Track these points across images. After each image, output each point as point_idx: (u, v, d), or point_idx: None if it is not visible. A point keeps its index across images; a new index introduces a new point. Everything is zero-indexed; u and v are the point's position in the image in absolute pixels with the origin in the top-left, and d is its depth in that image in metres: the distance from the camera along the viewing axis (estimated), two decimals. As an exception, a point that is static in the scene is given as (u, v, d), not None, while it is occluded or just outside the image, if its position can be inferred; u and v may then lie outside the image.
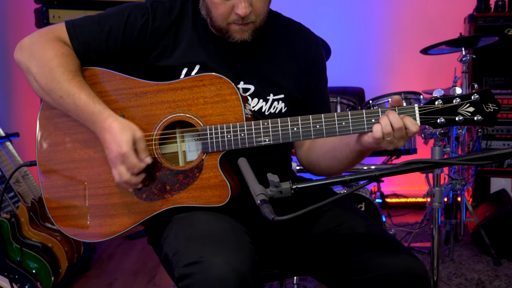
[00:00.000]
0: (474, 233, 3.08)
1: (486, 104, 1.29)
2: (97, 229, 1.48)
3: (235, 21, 1.42)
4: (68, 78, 1.42)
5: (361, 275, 1.40)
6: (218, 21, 1.44)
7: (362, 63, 4.19)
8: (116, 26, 1.48)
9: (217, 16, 1.43)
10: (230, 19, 1.42)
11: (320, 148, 1.54)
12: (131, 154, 1.37)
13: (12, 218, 2.44)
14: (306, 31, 1.65)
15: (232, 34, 1.45)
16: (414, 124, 1.28)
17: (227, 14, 1.41)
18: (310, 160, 1.59)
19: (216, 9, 1.42)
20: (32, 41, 1.47)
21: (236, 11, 1.39)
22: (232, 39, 1.46)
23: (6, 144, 2.71)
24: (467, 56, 2.89)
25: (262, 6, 1.43)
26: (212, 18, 1.45)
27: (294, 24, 1.64)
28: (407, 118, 1.29)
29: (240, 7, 1.38)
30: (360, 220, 1.50)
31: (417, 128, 1.29)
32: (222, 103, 1.41)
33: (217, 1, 1.40)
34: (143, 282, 2.86)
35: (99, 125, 1.40)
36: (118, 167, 1.38)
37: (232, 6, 1.40)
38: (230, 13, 1.41)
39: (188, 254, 1.26)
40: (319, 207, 1.11)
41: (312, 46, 1.62)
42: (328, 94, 1.67)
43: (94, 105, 1.41)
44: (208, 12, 1.46)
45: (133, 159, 1.37)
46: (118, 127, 1.38)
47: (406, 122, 1.28)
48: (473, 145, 3.31)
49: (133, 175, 1.39)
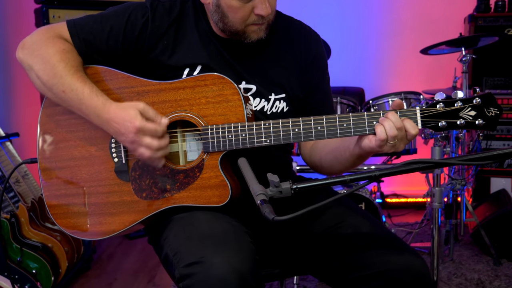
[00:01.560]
0: (474, 233, 3.08)
1: (487, 108, 1.28)
2: (97, 227, 1.48)
3: (254, 22, 1.43)
4: (70, 72, 1.42)
5: (362, 272, 1.40)
6: (236, 25, 1.44)
7: (362, 63, 4.19)
8: (117, 26, 1.48)
9: (235, 20, 1.43)
10: (250, 20, 1.43)
11: (323, 149, 1.54)
12: (145, 122, 1.35)
13: (12, 218, 2.44)
14: (307, 29, 1.64)
15: (250, 34, 1.46)
16: (414, 127, 1.28)
17: (246, 17, 1.42)
18: (314, 160, 1.59)
19: (234, 14, 1.42)
20: (33, 39, 1.47)
21: (257, 12, 1.40)
22: (248, 40, 1.46)
23: (6, 144, 2.71)
24: (467, 56, 2.89)
25: (275, 3, 1.46)
26: (227, 23, 1.45)
27: (294, 22, 1.64)
28: (407, 121, 1.28)
29: (263, 8, 1.39)
30: (360, 217, 1.51)
31: (417, 131, 1.28)
32: (224, 103, 1.41)
33: (237, 5, 1.40)
34: (143, 282, 2.86)
35: (104, 117, 1.39)
36: (143, 141, 1.35)
37: (252, 8, 1.40)
38: (250, 15, 1.42)
39: (189, 254, 1.26)
40: (319, 207, 1.11)
41: (312, 44, 1.61)
42: (331, 92, 1.67)
43: (97, 98, 1.40)
44: (223, 17, 1.45)
45: (151, 125, 1.36)
46: (120, 110, 1.37)
47: (406, 125, 1.28)
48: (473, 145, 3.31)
49: (160, 139, 1.37)
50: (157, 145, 1.36)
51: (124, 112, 1.37)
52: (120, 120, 1.37)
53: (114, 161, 1.47)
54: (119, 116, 1.37)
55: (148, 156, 1.37)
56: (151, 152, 1.37)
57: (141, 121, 1.35)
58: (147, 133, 1.35)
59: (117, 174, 1.47)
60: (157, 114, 1.39)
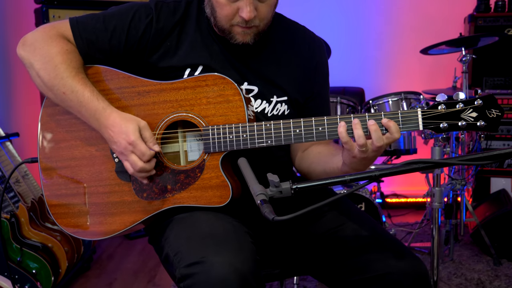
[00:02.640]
0: (474, 233, 3.08)
1: (489, 109, 1.28)
2: (98, 227, 1.48)
3: (238, 24, 1.42)
4: (72, 74, 1.42)
5: (362, 275, 1.41)
6: (222, 22, 1.44)
7: (362, 63, 4.19)
8: (120, 26, 1.48)
9: (221, 16, 1.43)
10: (234, 21, 1.42)
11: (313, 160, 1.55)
12: (140, 141, 1.37)
13: (12, 218, 2.44)
14: (311, 35, 1.64)
15: (235, 35, 1.45)
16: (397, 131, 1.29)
17: (231, 16, 1.41)
18: (302, 166, 1.60)
19: (221, 10, 1.42)
20: (35, 36, 1.46)
21: (240, 14, 1.39)
22: (234, 41, 1.45)
23: (6, 144, 2.71)
24: (467, 56, 2.89)
25: (267, 12, 1.43)
26: (216, 17, 1.45)
27: (298, 27, 1.64)
28: (391, 123, 1.29)
29: (245, 11, 1.38)
30: (361, 220, 1.51)
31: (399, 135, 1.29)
32: (225, 104, 1.41)
33: (223, 2, 1.40)
34: (143, 282, 2.86)
35: (102, 122, 1.40)
36: (130, 157, 1.38)
37: (237, 8, 1.39)
38: (235, 15, 1.41)
39: (190, 254, 1.26)
40: (319, 207, 1.11)
41: (316, 51, 1.61)
42: (329, 99, 1.68)
43: (98, 102, 1.41)
44: (212, 11, 1.45)
45: (142, 146, 1.37)
46: (121, 120, 1.39)
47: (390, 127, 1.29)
48: (473, 145, 3.31)
49: (145, 162, 1.39)
50: (141, 166, 1.38)
51: (124, 124, 1.38)
52: (117, 130, 1.38)
53: (114, 161, 1.47)
54: (118, 125, 1.38)
55: (131, 172, 1.41)
56: (134, 170, 1.40)
57: (135, 138, 1.36)
58: (136, 151, 1.37)
59: (118, 174, 1.47)
60: (153, 138, 1.40)
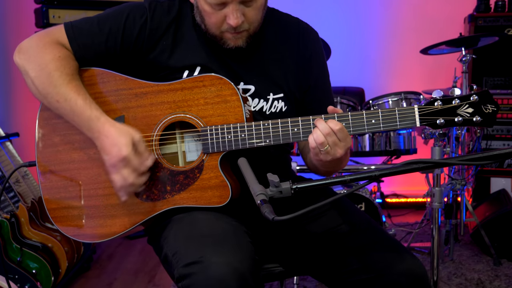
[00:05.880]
0: (474, 233, 3.08)
1: (484, 105, 1.30)
2: (97, 229, 1.48)
3: (228, 30, 1.41)
4: (65, 82, 1.41)
5: (361, 275, 1.41)
6: (212, 29, 1.43)
7: (362, 63, 4.19)
8: (115, 27, 1.47)
9: (210, 24, 1.43)
10: (223, 27, 1.41)
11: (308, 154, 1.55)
12: (133, 156, 1.36)
13: (12, 218, 2.44)
14: (304, 26, 1.62)
15: (226, 41, 1.44)
16: (336, 123, 1.30)
17: (219, 23, 1.41)
18: (305, 161, 1.62)
19: (209, 18, 1.42)
20: (30, 44, 1.46)
21: (228, 21, 1.39)
22: (226, 46, 1.45)
23: (6, 144, 2.71)
24: (467, 56, 2.89)
25: (255, 15, 1.42)
26: (206, 25, 1.44)
27: (291, 19, 1.62)
28: (329, 121, 1.30)
29: (232, 18, 1.37)
30: (360, 220, 1.51)
31: (341, 126, 1.29)
32: (223, 104, 1.41)
33: (209, 11, 1.39)
34: (143, 282, 2.86)
35: (96, 131, 1.40)
36: (122, 171, 1.37)
37: (224, 16, 1.39)
38: (223, 22, 1.40)
39: (188, 254, 1.26)
40: (319, 207, 1.11)
41: (310, 41, 1.60)
42: (331, 89, 1.66)
43: (91, 111, 1.40)
44: (201, 19, 1.45)
45: (136, 160, 1.37)
46: (116, 132, 1.38)
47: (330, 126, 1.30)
48: (473, 145, 3.31)
49: (138, 176, 1.39)
50: (132, 181, 1.38)
51: (119, 136, 1.37)
52: (111, 141, 1.37)
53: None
54: (112, 137, 1.37)
55: (119, 185, 1.39)
56: (125, 183, 1.38)
57: (129, 153, 1.36)
58: (129, 166, 1.37)
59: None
60: (147, 151, 1.40)
